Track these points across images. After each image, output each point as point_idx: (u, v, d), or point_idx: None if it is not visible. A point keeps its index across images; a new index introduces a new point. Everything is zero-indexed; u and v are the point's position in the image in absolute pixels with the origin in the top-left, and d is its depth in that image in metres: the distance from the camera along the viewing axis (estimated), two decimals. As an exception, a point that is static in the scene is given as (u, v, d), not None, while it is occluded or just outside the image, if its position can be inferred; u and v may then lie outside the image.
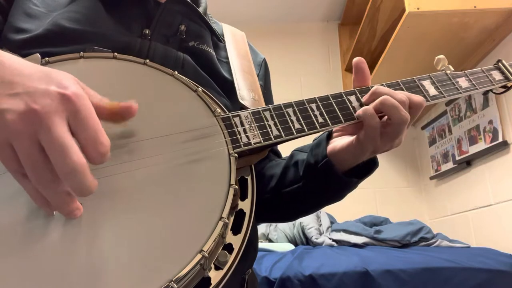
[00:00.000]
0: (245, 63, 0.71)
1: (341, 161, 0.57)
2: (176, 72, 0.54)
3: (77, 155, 0.33)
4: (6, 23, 0.58)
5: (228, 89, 0.66)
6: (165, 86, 0.53)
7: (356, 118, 0.55)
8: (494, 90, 0.65)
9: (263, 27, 2.80)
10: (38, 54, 0.49)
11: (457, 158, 2.12)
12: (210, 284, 0.41)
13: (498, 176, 1.84)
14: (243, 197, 0.48)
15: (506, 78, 0.65)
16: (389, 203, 2.48)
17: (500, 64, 0.66)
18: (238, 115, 0.52)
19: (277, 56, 2.72)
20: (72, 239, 0.39)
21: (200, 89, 0.53)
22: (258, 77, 0.76)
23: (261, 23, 2.82)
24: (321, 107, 0.55)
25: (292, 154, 0.67)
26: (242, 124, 0.52)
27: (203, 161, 0.47)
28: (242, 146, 0.50)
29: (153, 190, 0.44)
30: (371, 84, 0.59)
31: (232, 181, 0.46)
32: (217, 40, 0.73)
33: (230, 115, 0.52)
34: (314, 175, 0.60)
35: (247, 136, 0.51)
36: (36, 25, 0.57)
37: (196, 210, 0.43)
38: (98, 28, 0.59)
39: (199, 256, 0.39)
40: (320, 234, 1.89)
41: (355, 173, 0.59)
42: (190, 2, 0.68)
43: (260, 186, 0.62)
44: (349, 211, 2.16)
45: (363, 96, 0.57)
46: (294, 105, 0.55)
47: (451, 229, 2.14)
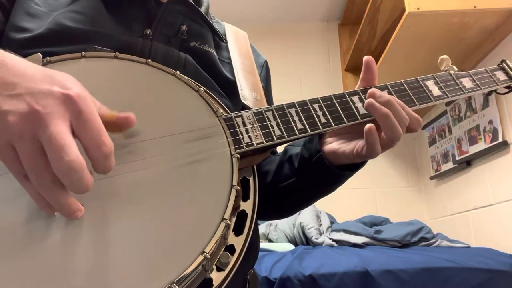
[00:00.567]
0: (247, 63, 0.71)
1: (337, 161, 0.59)
2: (178, 71, 0.54)
3: (75, 153, 0.33)
4: (8, 22, 0.58)
5: (230, 89, 0.66)
6: (167, 86, 0.53)
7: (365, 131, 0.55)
8: (498, 91, 0.65)
9: (263, 27, 2.80)
10: (39, 53, 0.48)
11: (457, 158, 2.12)
12: (212, 285, 0.41)
13: (498, 176, 1.84)
14: (245, 198, 0.48)
15: (510, 78, 0.65)
16: (389, 203, 2.48)
17: (504, 64, 0.66)
18: (240, 115, 0.52)
19: (277, 56, 2.72)
20: (73, 240, 0.38)
21: (202, 89, 0.53)
22: (259, 78, 0.76)
23: (261, 23, 2.81)
24: (324, 108, 0.55)
25: (286, 149, 0.68)
26: (244, 125, 0.51)
27: (205, 161, 0.47)
28: (244, 147, 0.49)
29: (154, 191, 0.43)
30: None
31: (234, 182, 0.45)
32: (219, 40, 0.73)
33: (232, 115, 0.52)
34: (308, 168, 0.61)
35: (249, 137, 0.50)
36: (38, 25, 0.57)
37: (198, 211, 0.43)
38: (100, 28, 0.59)
39: (201, 257, 0.39)
40: (320, 234, 1.89)
41: (347, 166, 0.60)
42: (192, 2, 0.67)
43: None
44: (349, 211, 2.16)
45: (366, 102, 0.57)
46: (297, 106, 0.55)
47: (451, 229, 2.14)
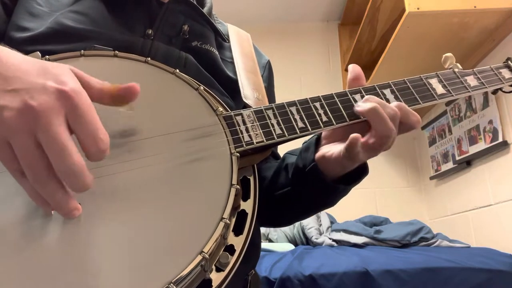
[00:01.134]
0: (249, 63, 0.71)
1: (329, 168, 0.56)
2: (177, 70, 0.54)
3: (75, 156, 0.33)
4: (9, 22, 0.58)
5: (232, 89, 0.65)
6: (166, 85, 0.53)
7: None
8: (503, 89, 0.64)
9: (263, 27, 2.80)
10: (38, 52, 0.48)
11: (457, 158, 2.12)
12: (211, 286, 0.40)
13: (498, 176, 1.83)
14: (246, 197, 0.48)
15: None
16: (389, 203, 2.48)
17: (509, 62, 0.65)
18: (240, 114, 0.52)
19: (277, 56, 2.71)
20: (70, 239, 0.38)
21: (201, 87, 0.53)
22: (262, 78, 0.75)
23: (261, 23, 2.81)
24: (325, 106, 0.54)
25: (284, 157, 0.66)
26: (244, 123, 0.51)
27: (204, 160, 0.46)
28: (244, 145, 0.49)
29: (153, 190, 0.43)
30: (372, 83, 0.58)
31: (234, 181, 0.45)
32: (222, 40, 0.72)
33: (232, 113, 0.51)
34: (302, 179, 0.58)
35: (249, 135, 0.50)
36: (39, 24, 0.57)
37: (196, 210, 0.42)
38: (101, 28, 0.59)
39: (199, 257, 0.38)
40: (320, 234, 1.89)
41: (344, 179, 0.57)
42: (194, 2, 0.67)
43: None
44: (349, 211, 2.16)
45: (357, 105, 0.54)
46: (298, 104, 0.54)
47: (451, 229, 2.14)
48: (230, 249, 0.43)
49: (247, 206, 0.47)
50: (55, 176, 0.34)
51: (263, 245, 1.79)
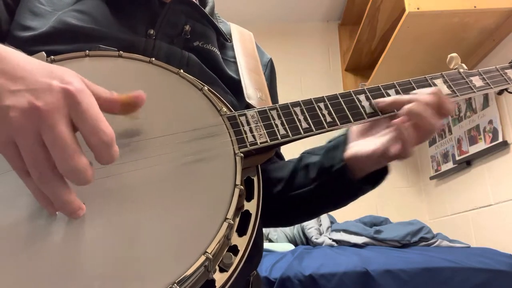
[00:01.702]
0: (252, 62, 0.71)
1: (359, 167, 0.56)
2: (181, 70, 0.54)
3: (78, 156, 0.34)
4: (12, 21, 0.58)
5: (234, 88, 0.65)
6: (170, 85, 0.53)
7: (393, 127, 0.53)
8: (509, 90, 0.64)
9: (263, 27, 2.79)
10: (43, 52, 0.48)
11: (457, 158, 2.12)
12: (215, 286, 0.40)
13: (498, 176, 1.84)
14: (249, 198, 0.48)
15: None
16: (389, 203, 2.48)
17: None
18: (244, 114, 0.52)
19: (277, 56, 2.69)
20: (75, 239, 0.38)
21: (206, 88, 0.53)
22: (264, 77, 0.75)
23: (261, 23, 2.81)
24: (330, 106, 0.54)
25: (302, 157, 0.66)
26: (248, 123, 0.51)
27: (208, 160, 0.46)
28: (248, 146, 0.49)
29: (156, 190, 0.43)
30: (372, 84, 0.58)
31: (238, 181, 0.45)
32: (224, 40, 0.72)
33: (236, 114, 0.51)
34: (327, 178, 0.58)
35: (253, 136, 0.50)
36: (42, 23, 0.57)
37: (200, 211, 0.42)
38: (103, 27, 0.59)
39: (203, 257, 0.38)
40: (320, 234, 1.89)
41: (367, 180, 0.58)
42: (195, 2, 0.67)
43: (266, 190, 0.61)
44: (349, 211, 2.15)
45: (377, 101, 0.56)
46: (302, 104, 0.54)
47: (451, 229, 2.15)
48: (234, 250, 0.43)
49: (251, 206, 0.47)
50: (59, 175, 0.34)
51: (264, 245, 1.79)
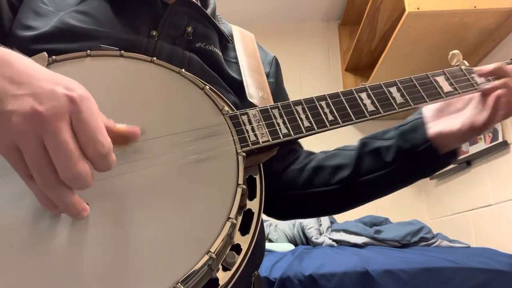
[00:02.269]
0: (253, 62, 0.71)
1: (444, 144, 0.59)
2: (183, 69, 0.54)
3: (81, 163, 0.34)
4: (14, 20, 0.58)
5: (236, 89, 0.66)
6: (172, 84, 0.53)
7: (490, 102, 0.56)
8: None
9: (263, 27, 2.79)
10: (45, 52, 0.48)
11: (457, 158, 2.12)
12: (218, 285, 0.41)
13: (498, 176, 1.84)
14: (252, 196, 0.48)
15: None
16: (389, 203, 2.47)
17: None
18: (246, 113, 0.52)
19: (277, 55, 2.70)
20: (79, 240, 0.38)
21: (207, 87, 0.53)
22: (269, 74, 0.76)
23: (261, 23, 2.81)
24: (331, 105, 0.54)
25: (365, 142, 0.67)
26: (250, 122, 0.51)
27: (210, 160, 0.46)
28: (250, 145, 0.49)
29: (159, 190, 0.43)
30: (372, 83, 0.59)
31: (240, 180, 0.45)
32: (225, 41, 0.73)
33: (238, 113, 0.52)
34: (407, 160, 0.61)
35: (255, 135, 0.50)
36: (44, 23, 0.57)
37: (203, 210, 0.43)
38: (105, 28, 0.59)
39: (206, 257, 0.38)
40: (320, 234, 1.88)
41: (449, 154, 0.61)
42: (197, 4, 0.68)
43: (321, 178, 0.65)
44: (349, 211, 2.15)
45: (479, 69, 0.60)
46: (303, 103, 0.54)
47: (451, 229, 2.15)
48: (237, 249, 0.44)
49: (253, 205, 0.47)
50: (61, 180, 0.35)
51: (263, 245, 1.79)
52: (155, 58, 0.54)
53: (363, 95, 0.56)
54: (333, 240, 1.80)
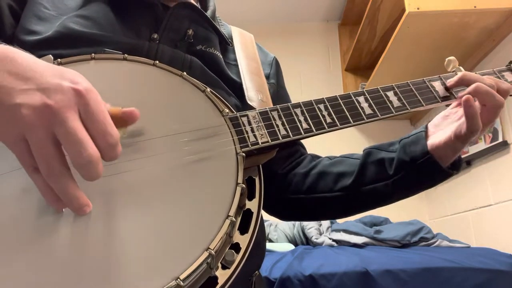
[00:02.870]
0: (253, 64, 0.72)
1: (440, 156, 0.59)
2: (184, 73, 0.55)
3: (92, 148, 0.35)
4: (18, 25, 0.59)
5: (236, 91, 0.66)
6: (174, 87, 0.54)
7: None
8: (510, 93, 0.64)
9: (263, 27, 2.80)
10: (50, 55, 0.50)
11: (457, 158, 2.12)
12: (217, 283, 0.41)
13: (498, 176, 1.84)
14: (251, 197, 0.48)
15: None
16: (389, 203, 2.48)
17: None
18: (246, 115, 0.53)
19: (277, 56, 2.70)
20: (82, 235, 0.39)
21: (208, 90, 0.54)
22: (269, 75, 0.77)
23: (261, 23, 2.81)
24: (329, 108, 0.56)
25: (369, 152, 0.67)
26: (249, 124, 0.52)
27: (210, 160, 0.47)
28: (250, 146, 0.50)
29: (160, 188, 0.44)
30: (372, 84, 0.59)
31: (239, 180, 0.46)
32: (225, 43, 0.73)
33: (238, 114, 0.53)
34: (408, 172, 0.61)
35: (254, 136, 0.51)
36: (47, 28, 0.58)
37: (203, 208, 0.43)
38: (107, 32, 0.60)
39: (205, 254, 0.39)
40: (320, 234, 1.89)
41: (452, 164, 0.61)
42: (198, 7, 0.68)
43: (324, 184, 0.66)
44: (349, 211, 2.16)
45: (448, 81, 0.61)
46: (302, 105, 0.55)
47: (451, 229, 2.15)
48: (236, 247, 0.44)
49: (253, 205, 0.48)
50: (68, 171, 0.36)
51: (264, 245, 1.79)
52: (157, 61, 0.55)
53: (361, 99, 0.57)
54: (333, 240, 1.80)
